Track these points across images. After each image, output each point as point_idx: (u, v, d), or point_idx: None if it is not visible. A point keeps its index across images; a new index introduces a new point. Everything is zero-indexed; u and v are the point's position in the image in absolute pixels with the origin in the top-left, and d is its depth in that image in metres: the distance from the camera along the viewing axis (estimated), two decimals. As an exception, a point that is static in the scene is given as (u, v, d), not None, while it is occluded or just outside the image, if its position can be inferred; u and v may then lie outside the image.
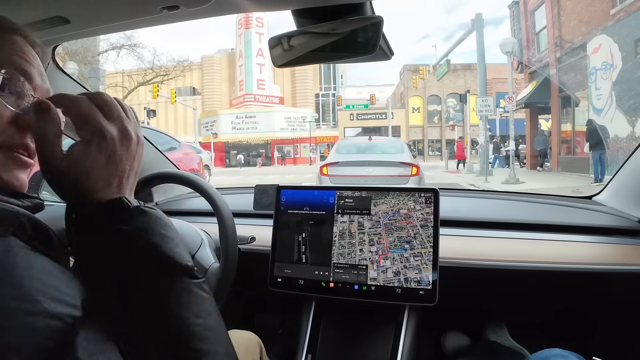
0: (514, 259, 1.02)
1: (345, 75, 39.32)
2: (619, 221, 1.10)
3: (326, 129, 32.74)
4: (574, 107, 11.78)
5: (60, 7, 0.73)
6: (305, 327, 1.05)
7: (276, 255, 1.07)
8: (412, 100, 31.26)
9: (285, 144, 30.06)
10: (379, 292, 0.98)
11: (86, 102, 0.44)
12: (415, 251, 0.98)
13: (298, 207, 1.09)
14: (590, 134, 9.26)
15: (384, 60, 0.83)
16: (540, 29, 13.25)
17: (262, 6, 0.80)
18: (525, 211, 1.25)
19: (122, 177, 0.46)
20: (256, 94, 31.75)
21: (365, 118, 31.24)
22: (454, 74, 27.88)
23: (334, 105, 33.41)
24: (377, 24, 0.70)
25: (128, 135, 0.46)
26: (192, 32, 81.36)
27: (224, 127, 29.10)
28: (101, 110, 0.45)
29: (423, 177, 5.83)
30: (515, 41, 12.55)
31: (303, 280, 1.04)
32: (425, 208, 1.00)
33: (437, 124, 30.82)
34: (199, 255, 0.97)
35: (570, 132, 12.14)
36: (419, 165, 5.82)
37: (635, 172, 1.10)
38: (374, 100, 29.29)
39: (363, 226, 1.03)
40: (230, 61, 34.29)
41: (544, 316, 1.24)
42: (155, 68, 19.96)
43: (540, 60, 13.24)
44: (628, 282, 0.99)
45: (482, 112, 11.57)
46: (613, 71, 9.39)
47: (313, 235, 1.06)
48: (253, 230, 1.14)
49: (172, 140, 6.80)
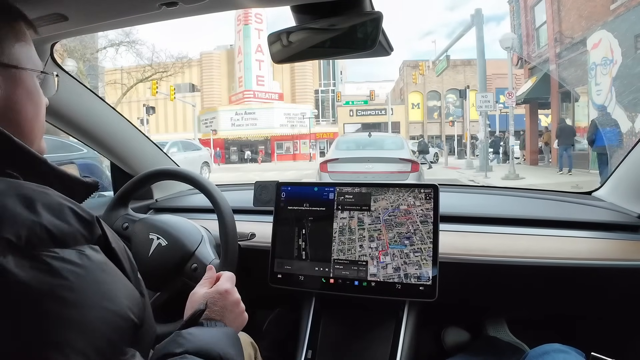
0: (514, 254, 1.02)
1: (344, 71, 39.23)
2: (618, 217, 1.10)
3: (326, 125, 32.69)
4: (574, 102, 11.76)
5: (59, 4, 0.73)
6: (305, 323, 1.06)
7: (276, 252, 1.08)
8: (411, 96, 31.21)
9: (285, 140, 30.02)
10: (379, 288, 0.98)
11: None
12: (415, 247, 0.98)
13: (298, 203, 1.09)
14: (560, 131, 10.57)
15: (383, 56, 0.83)
16: (540, 25, 13.20)
17: (261, 2, 0.79)
18: (525, 207, 1.25)
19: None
20: (255, 90, 31.65)
21: (365, 114, 31.19)
22: (453, 70, 27.81)
23: (334, 101, 33.34)
24: (376, 19, 0.70)
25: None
26: (191, 28, 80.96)
27: (224, 124, 29.03)
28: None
29: (423, 173, 5.89)
30: (515, 37, 12.53)
31: (303, 277, 1.05)
32: (425, 204, 1.00)
33: (437, 119, 30.80)
34: (199, 252, 0.97)
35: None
36: (418, 162, 5.86)
37: (635, 167, 1.10)
38: (373, 96, 29.20)
39: (363, 222, 1.03)
40: (230, 57, 34.17)
41: (543, 311, 1.24)
42: (154, 65, 19.86)
43: (540, 56, 13.21)
44: (627, 277, 0.99)
45: (481, 107, 11.55)
46: (613, 66, 9.37)
47: (313, 232, 1.06)
48: (253, 226, 1.14)
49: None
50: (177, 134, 24.79)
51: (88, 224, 0.44)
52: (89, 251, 0.42)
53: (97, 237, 0.45)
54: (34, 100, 0.54)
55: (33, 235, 0.39)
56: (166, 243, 0.97)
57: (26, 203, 0.41)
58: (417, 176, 5.58)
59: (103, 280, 0.42)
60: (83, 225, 0.43)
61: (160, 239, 0.97)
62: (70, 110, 1.14)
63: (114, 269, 0.45)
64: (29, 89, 0.53)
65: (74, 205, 0.44)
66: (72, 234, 0.42)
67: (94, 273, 0.41)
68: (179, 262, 0.95)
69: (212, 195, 0.97)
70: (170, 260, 0.95)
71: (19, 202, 0.40)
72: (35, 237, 0.39)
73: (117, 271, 0.45)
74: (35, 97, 0.54)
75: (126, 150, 1.36)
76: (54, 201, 0.43)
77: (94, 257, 0.42)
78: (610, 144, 7.04)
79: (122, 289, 0.44)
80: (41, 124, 0.56)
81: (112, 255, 0.46)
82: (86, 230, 0.43)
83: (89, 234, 0.44)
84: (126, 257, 0.49)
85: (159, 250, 0.96)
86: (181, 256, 0.96)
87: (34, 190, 0.43)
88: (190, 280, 0.95)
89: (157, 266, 0.96)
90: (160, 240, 0.97)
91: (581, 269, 0.99)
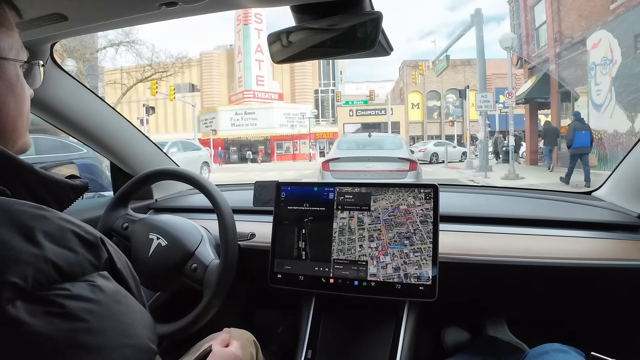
0: (514, 254, 1.02)
1: (344, 71, 39.20)
2: (618, 216, 1.10)
3: (325, 125, 32.68)
4: (574, 102, 11.76)
5: (59, 4, 0.73)
6: (305, 323, 1.06)
7: (276, 252, 1.08)
8: (411, 96, 31.20)
9: (285, 140, 30.01)
10: (378, 288, 0.98)
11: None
12: (415, 247, 0.98)
13: (298, 203, 1.09)
14: (545, 132, 11.39)
15: (383, 56, 0.82)
16: (540, 24, 13.20)
17: (261, 2, 0.79)
18: (525, 207, 1.25)
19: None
20: (255, 90, 31.63)
21: (365, 114, 31.18)
22: (453, 70, 27.79)
23: (334, 101, 33.32)
24: (376, 19, 0.70)
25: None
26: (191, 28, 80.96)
27: (223, 124, 29.02)
28: None
29: (421, 171, 6.02)
30: (514, 36, 12.54)
31: (303, 276, 1.05)
32: (425, 204, 1.00)
33: (437, 119, 30.78)
34: (198, 252, 0.97)
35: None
36: (416, 161, 6.00)
37: (635, 167, 1.10)
38: (373, 96, 29.16)
39: (363, 222, 1.03)
40: (229, 57, 34.16)
41: (543, 311, 1.24)
42: (154, 65, 19.86)
43: (540, 56, 13.20)
44: (627, 277, 0.99)
45: (481, 107, 11.56)
46: (613, 66, 9.38)
47: (313, 231, 1.06)
48: (253, 226, 1.14)
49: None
50: (177, 134, 24.80)
51: (94, 247, 0.41)
52: (100, 281, 0.40)
53: (104, 261, 0.42)
54: (16, 93, 0.49)
55: (39, 274, 0.35)
56: (166, 243, 0.97)
57: (25, 234, 0.37)
58: (415, 174, 5.73)
59: (120, 312, 0.40)
60: (89, 251, 0.41)
61: (160, 239, 0.97)
62: (70, 110, 1.13)
63: (126, 295, 0.43)
64: (10, 80, 0.48)
65: (76, 227, 0.41)
66: (79, 263, 0.39)
67: (109, 307, 0.39)
68: (179, 262, 0.95)
69: (211, 195, 0.97)
70: (170, 260, 0.95)
71: (17, 234, 0.36)
72: (42, 275, 0.35)
73: (129, 298, 0.43)
74: (18, 90, 0.49)
75: (126, 150, 1.36)
76: (55, 226, 0.39)
77: (106, 288, 0.40)
78: (586, 145, 8.29)
79: (138, 317, 0.42)
80: (25, 119, 0.51)
81: (119, 277, 0.44)
82: (93, 256, 0.41)
83: (97, 259, 0.41)
84: (129, 273, 0.47)
85: (158, 250, 0.96)
86: (181, 256, 0.96)
87: (30, 215, 0.39)
88: (190, 280, 0.95)
89: (157, 266, 0.96)
90: (160, 240, 0.97)
91: (581, 269, 0.99)
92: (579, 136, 8.26)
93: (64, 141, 6.09)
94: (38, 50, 0.95)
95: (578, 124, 8.57)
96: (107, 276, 0.41)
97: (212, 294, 0.91)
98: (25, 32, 0.81)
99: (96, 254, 0.41)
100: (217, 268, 0.94)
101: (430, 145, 19.46)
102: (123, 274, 0.45)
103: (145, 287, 0.97)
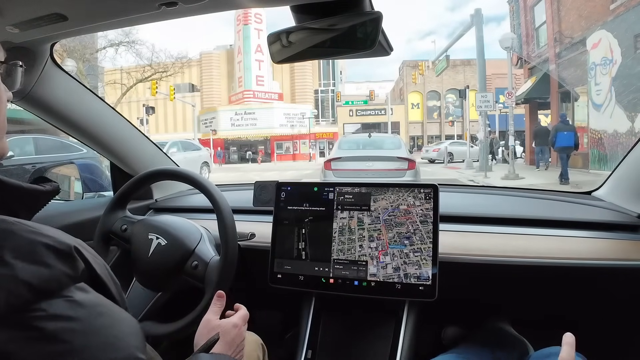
0: (514, 254, 1.02)
1: (344, 72, 39.20)
2: (618, 216, 1.10)
3: (325, 125, 32.68)
4: (574, 102, 11.77)
5: (59, 4, 0.73)
6: (305, 323, 1.06)
7: (276, 252, 1.08)
8: (411, 96, 31.20)
9: (285, 140, 30.01)
10: (378, 288, 0.98)
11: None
12: (415, 247, 0.98)
13: (298, 203, 1.09)
14: (536, 132, 11.87)
15: (383, 56, 0.82)
16: (539, 24, 13.20)
17: (261, 2, 0.79)
18: (525, 207, 1.25)
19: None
20: (255, 90, 31.63)
21: (365, 114, 31.18)
22: (453, 70, 27.79)
23: (333, 101, 33.31)
24: (376, 19, 0.70)
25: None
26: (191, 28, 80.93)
27: (223, 124, 29.02)
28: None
29: (419, 170, 6.30)
30: (514, 36, 12.54)
31: (303, 277, 1.05)
32: (424, 204, 1.00)
33: (437, 119, 30.78)
34: (198, 250, 0.97)
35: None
36: (414, 160, 6.29)
37: (635, 167, 1.10)
38: (373, 96, 29.16)
39: (363, 222, 1.03)
40: (229, 57, 34.16)
41: (543, 311, 1.24)
42: (154, 65, 19.85)
43: (540, 56, 13.20)
44: (627, 277, 0.99)
45: (481, 107, 11.56)
46: (613, 66, 9.37)
47: (313, 231, 1.06)
48: (253, 226, 1.14)
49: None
50: (176, 134, 24.78)
51: (69, 258, 0.38)
52: (79, 295, 0.37)
53: (82, 271, 0.39)
54: None
55: (11, 296, 0.33)
56: (166, 242, 0.96)
57: None
58: (413, 173, 6.00)
59: (103, 326, 0.38)
60: (64, 262, 0.38)
61: (159, 239, 0.97)
62: (70, 110, 1.13)
63: (108, 305, 0.40)
64: None
65: (47, 238, 0.38)
66: (54, 278, 0.36)
67: (91, 323, 0.37)
68: (180, 261, 0.95)
69: (211, 194, 0.97)
70: (171, 259, 0.95)
71: None
72: (14, 297, 0.33)
73: (111, 307, 0.40)
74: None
75: (126, 150, 1.36)
76: (24, 241, 0.37)
77: (86, 302, 0.37)
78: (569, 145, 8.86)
79: (123, 327, 0.40)
80: (2, 123, 0.48)
81: (99, 284, 0.41)
82: (69, 268, 0.38)
83: (73, 270, 0.38)
84: (110, 278, 0.44)
85: (158, 249, 0.96)
86: (181, 254, 0.96)
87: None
88: (191, 279, 0.95)
89: (157, 266, 0.96)
90: (160, 240, 0.97)
91: (581, 269, 0.99)
92: (561, 136, 8.84)
93: (63, 141, 6.08)
94: (38, 50, 0.95)
95: (561, 126, 9.19)
96: (86, 288, 0.39)
97: (213, 290, 0.90)
98: (25, 32, 0.81)
99: (72, 265, 0.39)
100: (218, 264, 0.94)
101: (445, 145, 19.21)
102: (103, 280, 0.42)
103: (147, 287, 0.97)
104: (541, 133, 11.39)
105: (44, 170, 1.62)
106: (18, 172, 5.48)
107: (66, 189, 2.16)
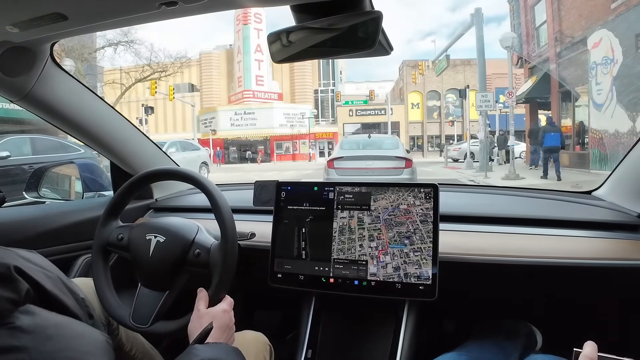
0: (514, 254, 1.02)
1: (344, 71, 39.22)
2: (618, 216, 1.10)
3: (325, 125, 32.69)
4: (574, 102, 11.76)
5: (59, 4, 0.73)
6: (305, 323, 1.06)
7: (276, 251, 1.08)
8: (411, 96, 31.20)
9: (284, 140, 30.02)
10: (379, 288, 0.98)
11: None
12: (415, 246, 0.98)
13: (298, 202, 1.09)
14: (531, 132, 12.32)
15: (383, 56, 0.82)
16: (540, 24, 13.19)
17: (261, 2, 0.79)
18: (525, 206, 1.25)
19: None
20: (255, 90, 31.64)
21: (365, 114, 31.19)
22: (453, 70, 27.78)
23: (333, 101, 33.32)
24: (376, 19, 0.70)
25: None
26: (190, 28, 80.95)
27: (223, 124, 29.03)
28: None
29: (416, 170, 6.69)
30: (515, 36, 12.53)
31: (303, 276, 1.05)
32: (425, 203, 1.00)
33: (437, 119, 30.78)
34: (198, 239, 0.97)
35: (570, 127, 12.11)
36: (411, 159, 6.67)
37: (635, 167, 1.10)
38: (373, 96, 29.20)
39: (363, 222, 1.03)
40: (229, 57, 34.16)
41: (543, 311, 1.24)
42: (153, 64, 19.85)
43: (540, 55, 13.20)
44: (628, 277, 0.99)
45: (481, 107, 11.57)
46: (613, 66, 9.37)
47: (313, 231, 1.06)
48: (253, 226, 1.14)
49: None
50: (176, 134, 24.80)
51: (8, 281, 0.35)
52: (23, 320, 0.34)
53: (25, 292, 0.36)
54: None
55: None
56: (164, 239, 0.96)
57: None
58: (410, 172, 6.41)
59: (54, 349, 0.34)
60: (3, 286, 0.34)
61: (158, 237, 0.97)
62: (70, 109, 1.13)
63: (61, 324, 0.37)
64: None
65: None
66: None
67: (40, 349, 0.33)
68: (181, 253, 0.95)
69: (211, 194, 0.97)
70: (172, 253, 0.95)
71: None
72: None
73: (65, 325, 0.37)
74: None
75: (126, 150, 1.36)
76: None
77: (30, 327, 0.34)
78: (556, 145, 9.46)
79: (80, 346, 0.36)
80: None
81: (50, 301, 0.38)
82: (10, 291, 0.34)
83: (14, 293, 0.35)
84: (65, 290, 0.41)
85: (159, 247, 0.96)
86: (182, 246, 0.95)
87: None
88: (196, 267, 0.94)
89: (160, 263, 0.95)
90: (158, 238, 0.96)
91: (581, 269, 0.99)
92: (548, 137, 9.49)
93: (61, 141, 6.07)
94: (38, 50, 0.95)
95: (548, 127, 9.95)
96: (32, 310, 0.36)
97: (221, 269, 0.90)
98: (25, 31, 0.81)
99: (12, 287, 0.35)
100: (220, 246, 0.93)
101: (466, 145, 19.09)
102: (55, 295, 0.39)
103: (153, 288, 0.96)
104: (535, 133, 11.64)
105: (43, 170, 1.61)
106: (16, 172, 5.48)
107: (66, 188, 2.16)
